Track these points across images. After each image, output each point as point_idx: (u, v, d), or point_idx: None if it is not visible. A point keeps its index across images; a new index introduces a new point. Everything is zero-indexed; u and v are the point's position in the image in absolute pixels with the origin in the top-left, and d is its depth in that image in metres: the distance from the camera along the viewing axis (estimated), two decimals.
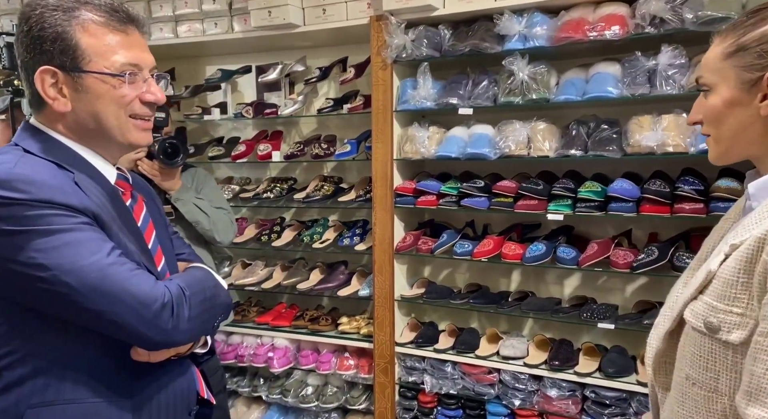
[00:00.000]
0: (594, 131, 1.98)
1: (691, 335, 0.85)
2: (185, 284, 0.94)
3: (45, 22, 0.87)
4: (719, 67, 0.86)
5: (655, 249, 1.89)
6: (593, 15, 1.92)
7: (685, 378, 0.86)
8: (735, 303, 0.78)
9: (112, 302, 0.83)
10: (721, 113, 0.86)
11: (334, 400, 2.49)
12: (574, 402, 2.02)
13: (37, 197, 0.81)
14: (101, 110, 0.91)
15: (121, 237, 0.92)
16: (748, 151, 0.88)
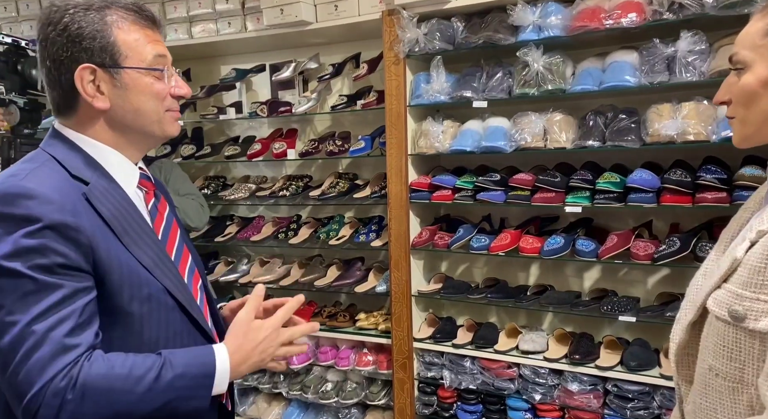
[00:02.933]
0: (612, 121, 1.94)
1: (714, 325, 0.83)
2: (91, 380, 0.81)
3: (82, 21, 0.89)
4: (759, 44, 0.82)
5: (677, 240, 1.86)
6: (609, 3, 1.88)
7: (708, 369, 0.84)
8: (763, 290, 0.76)
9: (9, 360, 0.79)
10: (755, 93, 0.82)
11: (354, 396, 2.49)
12: (595, 396, 2.00)
13: (33, 213, 0.81)
14: (141, 105, 0.94)
15: (134, 248, 0.91)
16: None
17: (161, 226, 1.01)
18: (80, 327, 0.83)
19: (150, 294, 0.92)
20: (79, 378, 0.81)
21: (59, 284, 0.82)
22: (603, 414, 1.99)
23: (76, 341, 0.82)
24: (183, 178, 2.35)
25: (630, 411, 1.93)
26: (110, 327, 0.89)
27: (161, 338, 0.94)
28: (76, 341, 0.82)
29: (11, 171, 0.89)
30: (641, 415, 1.91)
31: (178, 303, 0.96)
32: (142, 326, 0.91)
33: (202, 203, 2.30)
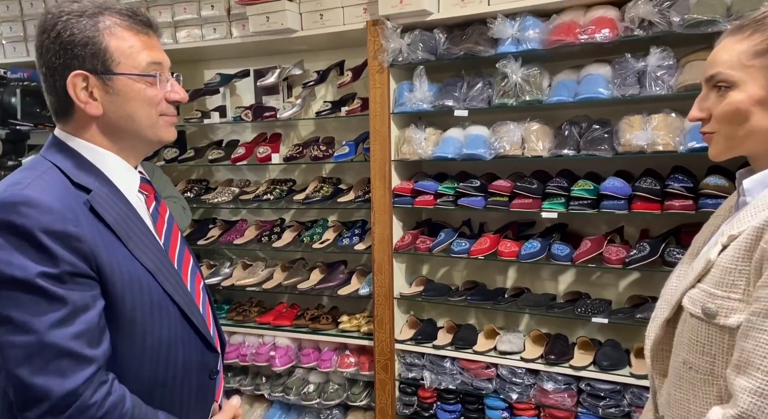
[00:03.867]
0: (586, 131, 2.03)
1: (689, 322, 0.90)
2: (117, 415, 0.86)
3: (74, 27, 0.90)
4: (748, 64, 0.86)
5: (647, 245, 1.95)
6: (584, 18, 1.98)
7: (682, 363, 0.91)
8: (733, 290, 0.84)
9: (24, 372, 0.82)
10: (745, 111, 0.86)
11: (336, 397, 2.53)
12: (569, 395, 2.08)
13: (36, 223, 0.82)
14: (134, 111, 0.94)
15: (136, 254, 0.93)
16: (756, 149, 0.89)
17: (163, 229, 1.03)
18: (97, 336, 0.86)
19: (152, 301, 0.94)
20: (106, 406, 0.85)
21: (71, 292, 0.84)
22: (576, 413, 2.07)
23: (94, 352, 0.85)
24: (165, 181, 2.37)
25: (602, 409, 2.01)
26: (114, 335, 0.90)
27: (163, 345, 0.95)
28: (94, 352, 0.85)
29: (13, 179, 0.89)
30: (613, 413, 2.00)
31: (179, 309, 0.97)
32: (144, 333, 0.93)
33: (185, 206, 2.32)
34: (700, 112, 0.93)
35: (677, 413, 0.93)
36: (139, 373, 0.94)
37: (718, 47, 0.92)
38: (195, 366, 1.01)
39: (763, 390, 0.76)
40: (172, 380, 0.98)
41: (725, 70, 0.88)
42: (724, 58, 0.89)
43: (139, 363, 0.93)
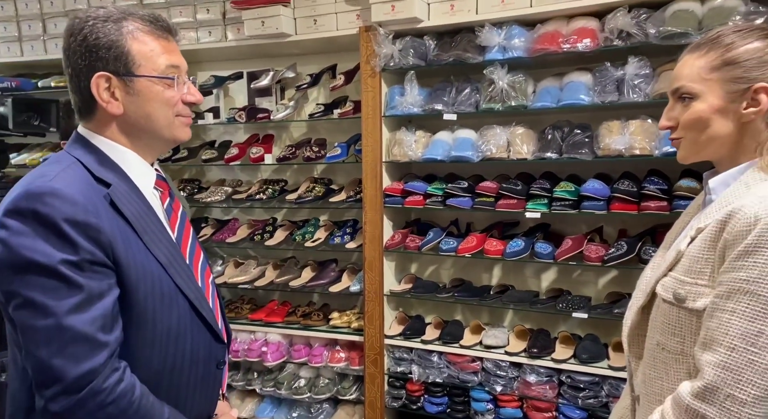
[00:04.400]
0: (568, 136, 2.14)
1: (661, 307, 1.00)
2: (126, 402, 0.91)
3: (99, 31, 0.95)
4: (707, 78, 0.96)
5: (624, 244, 2.06)
6: (566, 28, 2.08)
7: (656, 344, 1.01)
8: (700, 276, 0.94)
9: (43, 353, 0.87)
10: (708, 119, 0.96)
11: (326, 391, 2.60)
12: (551, 387, 2.18)
13: (59, 212, 0.88)
14: (153, 111, 1.00)
15: (150, 247, 0.98)
16: (718, 152, 1.00)
17: (176, 225, 1.08)
18: (110, 323, 0.91)
19: (163, 292, 0.98)
20: (117, 391, 0.90)
21: (88, 280, 0.89)
22: (557, 404, 2.17)
23: (108, 337, 0.90)
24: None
25: (581, 400, 2.11)
26: (127, 323, 0.95)
27: (172, 335, 1.00)
28: (108, 337, 0.90)
29: (40, 172, 0.95)
30: (591, 403, 2.10)
31: (189, 302, 1.02)
32: (155, 322, 0.98)
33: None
34: (668, 121, 1.04)
35: (651, 390, 1.03)
36: (150, 360, 0.99)
37: (680, 63, 1.03)
38: (202, 355, 1.06)
39: (725, 363, 0.86)
40: (180, 368, 1.03)
41: (687, 84, 0.99)
42: (686, 73, 1.00)
43: (150, 350, 0.98)
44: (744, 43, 0.96)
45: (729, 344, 0.86)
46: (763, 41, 0.96)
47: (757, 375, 0.83)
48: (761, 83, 0.93)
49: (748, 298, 0.85)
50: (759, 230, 0.84)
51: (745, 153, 0.98)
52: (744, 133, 0.97)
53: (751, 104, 0.94)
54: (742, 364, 0.84)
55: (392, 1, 2.21)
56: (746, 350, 0.84)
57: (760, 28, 0.98)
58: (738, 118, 0.96)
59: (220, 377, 1.13)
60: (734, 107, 0.96)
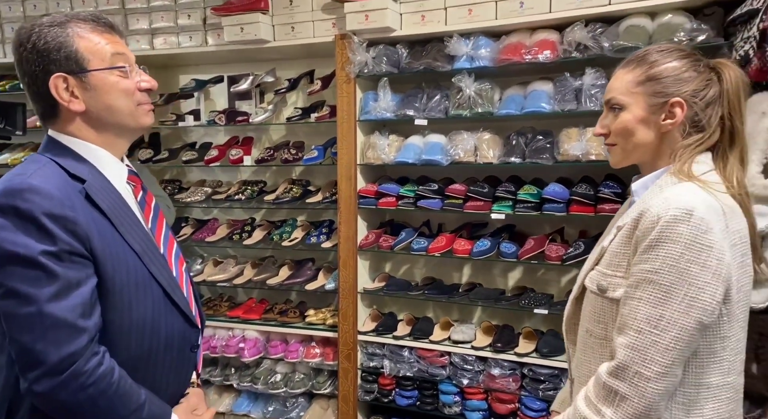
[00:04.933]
0: (531, 141, 2.26)
1: (589, 297, 1.12)
2: (105, 384, 0.97)
3: (47, 36, 1.01)
4: (632, 91, 1.09)
5: (582, 244, 2.18)
6: (529, 40, 2.20)
7: (585, 331, 1.13)
8: (618, 269, 1.06)
9: (26, 338, 0.93)
10: (633, 128, 1.09)
11: (301, 386, 2.69)
12: (514, 380, 2.29)
13: (38, 207, 0.95)
14: (112, 102, 1.06)
15: (126, 237, 1.05)
16: (642, 158, 1.12)
17: (150, 217, 1.16)
18: (89, 310, 0.98)
19: (138, 281, 1.05)
20: (97, 374, 0.96)
21: (66, 270, 0.95)
22: (520, 395, 2.29)
23: (87, 323, 0.97)
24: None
25: (542, 392, 2.23)
26: (105, 309, 1.01)
27: (147, 320, 1.07)
28: (87, 323, 0.97)
29: (17, 171, 1.02)
30: (551, 395, 2.21)
31: (162, 289, 1.09)
32: (131, 308, 1.04)
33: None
34: (602, 128, 1.16)
35: (583, 372, 1.15)
36: (127, 344, 1.06)
37: (613, 77, 1.15)
38: (177, 339, 1.14)
39: (633, 344, 0.97)
40: (156, 351, 1.10)
41: (617, 96, 1.11)
42: (616, 86, 1.12)
43: (127, 335, 1.05)
44: (665, 61, 1.08)
45: (637, 327, 0.98)
46: (681, 61, 1.08)
47: (658, 354, 0.96)
48: (677, 98, 1.05)
49: (652, 287, 0.97)
50: (660, 227, 0.96)
51: (662, 159, 1.10)
52: (662, 141, 1.09)
53: (668, 116, 1.07)
54: (647, 344, 0.96)
55: (366, 10, 2.32)
56: (650, 332, 0.96)
57: (680, 49, 1.11)
58: (658, 128, 1.08)
59: (194, 359, 1.21)
60: (655, 118, 1.08)
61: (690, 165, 1.05)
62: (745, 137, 1.10)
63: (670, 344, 0.95)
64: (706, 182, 1.03)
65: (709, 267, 0.95)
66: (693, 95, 1.06)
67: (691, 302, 0.95)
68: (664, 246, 0.96)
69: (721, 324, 1.01)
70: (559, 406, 1.35)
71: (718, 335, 1.01)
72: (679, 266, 0.95)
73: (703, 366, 1.01)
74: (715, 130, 1.07)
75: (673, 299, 0.96)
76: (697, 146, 1.07)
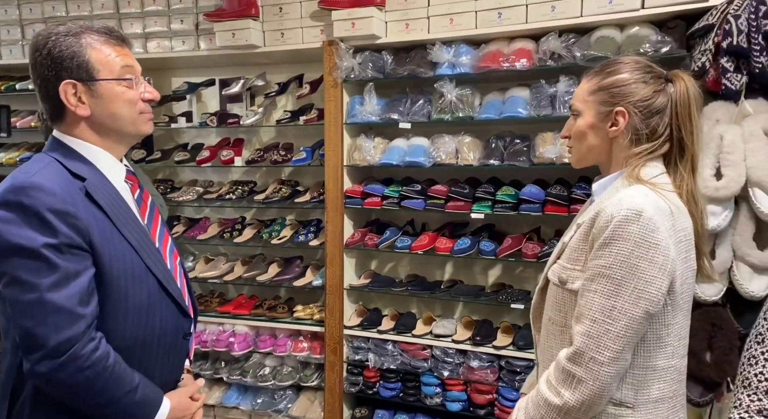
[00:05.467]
0: (509, 145, 2.37)
1: (552, 288, 1.22)
2: (101, 367, 1.06)
3: (62, 44, 1.10)
4: (586, 99, 1.20)
5: (556, 242, 2.30)
6: (507, 48, 2.32)
7: (548, 319, 1.23)
8: (577, 263, 1.15)
9: (29, 323, 1.02)
10: (585, 133, 1.20)
11: (289, 379, 2.79)
12: (492, 372, 2.40)
13: (41, 203, 1.03)
14: (116, 110, 1.14)
15: (123, 232, 1.13)
16: (597, 160, 1.23)
17: (146, 213, 1.24)
18: (87, 298, 1.06)
19: (134, 272, 1.14)
20: (93, 358, 1.04)
21: (66, 262, 1.04)
22: (497, 386, 2.40)
23: (84, 310, 1.05)
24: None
25: (518, 383, 2.34)
26: (102, 299, 1.10)
27: (143, 309, 1.15)
28: (84, 310, 1.05)
29: (22, 170, 1.11)
30: None
31: (157, 280, 1.18)
32: (127, 298, 1.12)
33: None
34: (565, 131, 1.27)
35: (546, 357, 1.25)
36: (123, 332, 1.14)
37: (579, 85, 1.25)
38: (170, 328, 1.23)
39: (588, 332, 1.08)
40: (150, 339, 1.19)
41: (575, 103, 1.23)
42: (577, 94, 1.23)
43: (123, 323, 1.14)
44: (617, 73, 1.17)
45: (592, 317, 1.08)
46: (631, 73, 1.17)
47: (611, 341, 1.06)
48: (620, 107, 1.15)
49: (606, 280, 1.07)
50: (613, 226, 1.07)
51: (617, 163, 1.20)
52: (612, 146, 1.19)
53: (614, 124, 1.16)
54: (601, 332, 1.07)
55: (353, 18, 2.43)
56: (604, 321, 1.07)
57: (635, 61, 1.20)
58: (605, 134, 1.18)
59: (187, 347, 1.30)
60: (602, 125, 1.18)
61: (639, 170, 1.14)
62: (695, 146, 1.17)
63: (621, 331, 1.05)
64: (656, 183, 1.12)
65: (655, 263, 1.05)
66: (636, 105, 1.14)
67: (639, 294, 1.05)
68: (616, 244, 1.06)
69: (666, 313, 1.10)
70: (528, 389, 1.45)
71: (663, 323, 1.11)
72: (630, 262, 1.05)
73: (650, 350, 1.11)
74: (665, 140, 1.16)
75: (623, 291, 1.05)
76: (646, 155, 1.15)
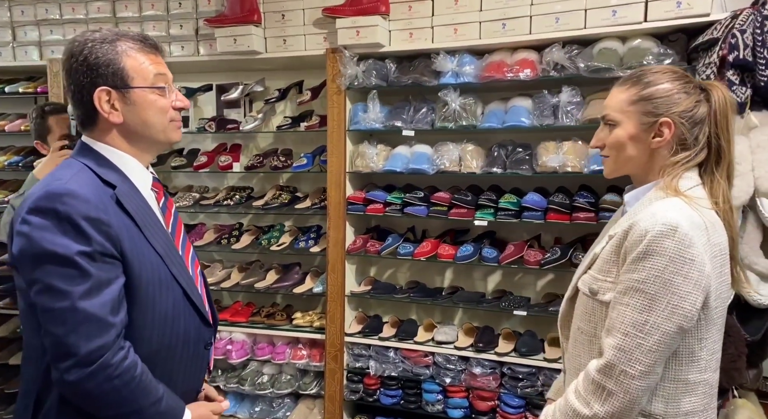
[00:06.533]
0: (511, 153, 2.41)
1: (582, 298, 1.23)
2: (129, 376, 1.06)
3: (98, 51, 1.11)
4: (626, 109, 1.17)
5: (558, 250, 2.34)
6: (510, 59, 2.36)
7: (577, 328, 1.24)
8: (608, 275, 1.16)
9: (60, 331, 1.01)
10: (624, 143, 1.18)
11: (288, 387, 2.76)
12: (494, 378, 2.42)
13: (76, 210, 1.03)
14: (148, 118, 1.15)
15: (150, 240, 1.13)
16: (633, 171, 1.23)
17: (170, 222, 1.24)
18: (118, 306, 1.05)
19: (161, 280, 1.14)
20: (122, 367, 1.04)
21: (98, 270, 1.03)
22: (499, 393, 2.42)
23: (115, 319, 1.04)
24: None
25: (520, 389, 2.36)
26: (131, 307, 1.09)
27: (168, 317, 1.15)
28: (115, 319, 1.04)
29: (55, 176, 1.09)
30: (528, 392, 2.36)
31: (182, 288, 1.18)
32: (154, 306, 1.13)
33: None
34: (597, 142, 1.26)
35: (574, 365, 1.26)
36: (149, 340, 1.14)
37: (610, 94, 1.24)
38: (193, 336, 1.22)
39: (621, 346, 1.08)
40: (174, 347, 1.18)
41: (612, 113, 1.21)
42: (611, 104, 1.22)
43: (150, 330, 1.14)
44: (658, 83, 1.17)
45: (624, 330, 1.08)
46: (672, 83, 1.17)
47: (642, 355, 1.06)
48: (666, 118, 1.15)
49: (639, 295, 1.07)
50: (647, 241, 1.07)
51: (652, 173, 1.20)
52: (652, 157, 1.19)
53: (657, 134, 1.16)
54: (633, 346, 1.07)
55: (357, 27, 2.44)
56: (636, 335, 1.07)
57: (672, 71, 1.20)
58: (647, 145, 1.17)
59: (208, 356, 1.30)
60: (645, 136, 1.17)
61: (677, 181, 1.14)
62: (731, 154, 1.17)
63: (653, 346, 1.06)
64: (691, 197, 1.12)
65: (690, 278, 1.05)
66: (681, 116, 1.15)
67: (673, 310, 1.05)
68: (651, 259, 1.06)
69: (700, 327, 1.11)
70: (555, 394, 1.45)
71: (697, 337, 1.11)
72: (664, 277, 1.05)
73: (682, 364, 1.12)
74: (703, 148, 1.16)
75: (657, 306, 1.06)
76: (684, 164, 1.16)
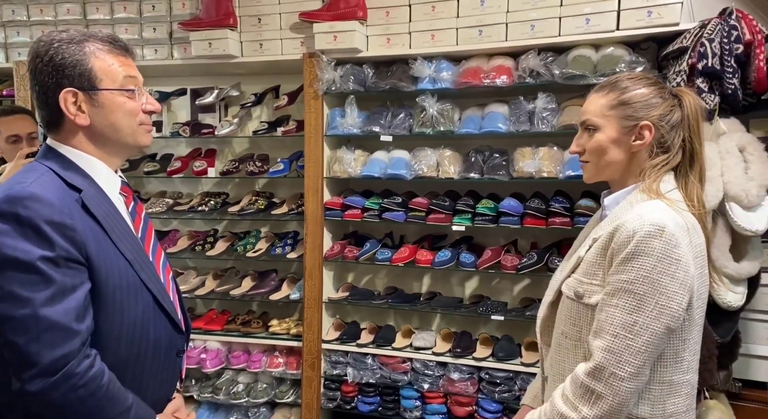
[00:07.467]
0: (488, 159, 2.42)
1: (565, 302, 1.22)
2: (95, 386, 1.01)
3: (64, 52, 1.07)
4: (606, 114, 1.19)
5: (535, 255, 2.36)
6: (487, 65, 2.38)
7: (561, 333, 1.23)
8: (594, 278, 1.16)
9: (21, 340, 0.97)
10: (606, 147, 1.19)
11: (264, 395, 2.71)
12: (472, 383, 2.42)
13: (38, 214, 0.99)
14: (117, 121, 1.11)
15: (118, 245, 1.09)
16: (613, 175, 1.23)
17: (140, 226, 1.20)
18: (83, 313, 1.01)
19: (129, 286, 1.10)
20: (88, 376, 1.00)
21: (63, 275, 0.99)
22: (477, 398, 2.42)
23: (80, 326, 1.00)
24: None
25: (498, 394, 2.36)
26: (97, 314, 1.06)
27: (137, 324, 1.11)
28: (80, 326, 1.00)
29: (17, 180, 1.05)
30: (506, 397, 2.36)
31: (151, 294, 1.14)
32: (122, 313, 1.09)
33: None
34: (577, 147, 1.27)
35: (556, 371, 1.25)
36: (117, 347, 1.10)
37: (588, 100, 1.26)
38: (164, 344, 1.18)
39: (610, 348, 1.08)
40: (144, 355, 1.14)
41: (592, 118, 1.23)
42: (591, 109, 1.23)
43: (117, 338, 1.09)
44: (635, 88, 1.20)
45: (613, 332, 1.08)
46: (648, 89, 1.20)
47: (632, 356, 1.06)
48: (646, 121, 1.17)
49: (628, 295, 1.08)
50: (635, 241, 1.07)
51: (632, 176, 1.22)
52: (632, 160, 1.20)
53: (638, 138, 1.18)
54: (622, 348, 1.07)
55: (335, 31, 2.43)
56: (625, 336, 1.07)
57: (646, 78, 1.23)
58: (628, 148, 1.19)
59: (180, 364, 1.26)
60: (626, 139, 1.19)
61: (658, 184, 1.17)
62: (703, 158, 1.21)
63: (642, 347, 1.06)
64: (672, 200, 1.14)
65: (677, 278, 1.06)
66: (660, 119, 1.18)
67: (661, 310, 1.06)
68: (639, 259, 1.06)
69: (684, 328, 1.12)
70: (531, 401, 1.44)
71: (681, 337, 1.12)
72: (652, 277, 1.06)
73: (667, 365, 1.12)
74: (678, 151, 1.19)
75: (645, 306, 1.06)
76: (662, 166, 1.18)
